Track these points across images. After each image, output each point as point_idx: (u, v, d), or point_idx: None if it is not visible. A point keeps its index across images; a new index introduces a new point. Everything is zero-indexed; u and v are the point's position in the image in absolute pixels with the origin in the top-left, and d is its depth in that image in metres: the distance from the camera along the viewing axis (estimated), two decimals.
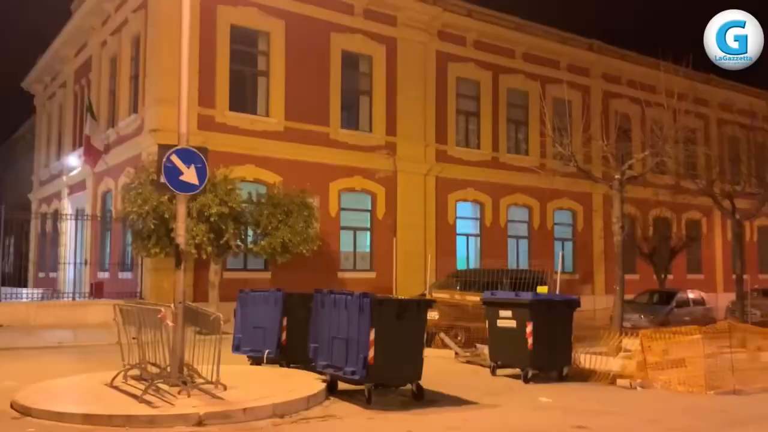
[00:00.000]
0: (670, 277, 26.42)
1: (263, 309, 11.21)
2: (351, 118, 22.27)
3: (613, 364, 11.63)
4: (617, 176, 15.08)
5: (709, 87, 29.81)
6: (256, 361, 11.10)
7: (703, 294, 23.94)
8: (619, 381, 10.95)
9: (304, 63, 20.59)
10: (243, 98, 20.16)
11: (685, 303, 22.21)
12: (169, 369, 8.41)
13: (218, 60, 19.29)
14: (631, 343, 12.26)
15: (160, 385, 8.27)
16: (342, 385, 9.13)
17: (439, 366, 12.22)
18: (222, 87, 19.40)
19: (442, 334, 14.55)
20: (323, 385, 8.99)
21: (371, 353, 8.35)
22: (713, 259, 32.08)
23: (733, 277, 18.99)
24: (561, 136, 16.16)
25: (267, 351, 10.86)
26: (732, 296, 21.89)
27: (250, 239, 17.51)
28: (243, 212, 16.98)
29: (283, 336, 10.81)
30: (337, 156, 20.86)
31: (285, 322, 10.82)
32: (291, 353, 10.69)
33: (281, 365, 10.80)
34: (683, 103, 16.16)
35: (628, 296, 20.82)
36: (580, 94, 25.42)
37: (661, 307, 21.64)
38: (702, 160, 20.76)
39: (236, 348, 11.39)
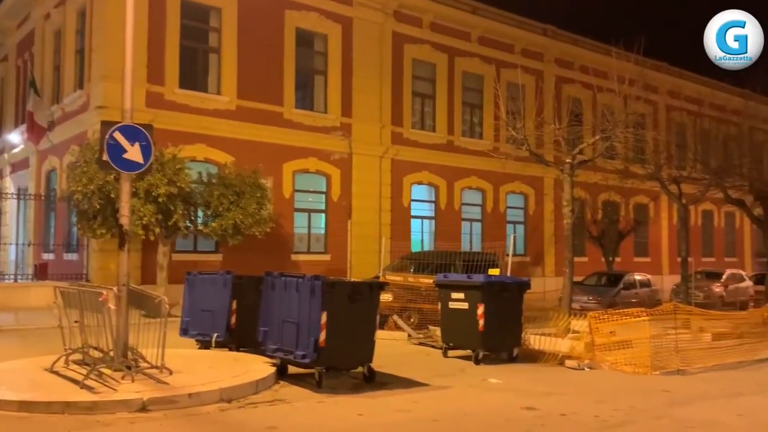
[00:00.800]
0: (617, 259, 27.05)
1: (212, 291, 10.98)
2: (305, 98, 21.94)
3: (562, 345, 11.83)
4: (568, 160, 15.25)
5: (658, 74, 30.40)
6: (204, 344, 10.90)
7: (649, 276, 24.65)
8: (567, 362, 11.14)
9: (257, 40, 20.13)
10: (193, 75, 19.62)
11: (632, 285, 22.83)
12: (112, 353, 8.16)
13: (168, 36, 18.69)
14: (579, 324, 12.50)
15: (103, 370, 8.01)
16: (292, 369, 9.03)
17: (392, 348, 12.24)
18: (171, 64, 18.83)
19: (395, 317, 14.58)
20: (273, 369, 8.87)
21: (322, 336, 8.26)
22: (659, 243, 32.97)
23: (678, 260, 19.55)
24: (514, 120, 16.23)
25: (215, 335, 10.67)
26: (677, 278, 22.57)
27: (200, 220, 17.15)
28: (193, 193, 16.60)
29: (233, 319, 10.62)
30: (291, 136, 20.54)
31: (234, 305, 10.62)
32: (240, 337, 10.52)
33: (230, 349, 10.63)
34: (633, 89, 16.40)
35: (577, 278, 21.24)
36: (533, 79, 25.63)
37: (609, 289, 22.19)
38: (650, 146, 21.19)
39: (184, 331, 11.17)
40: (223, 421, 6.97)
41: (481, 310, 11.04)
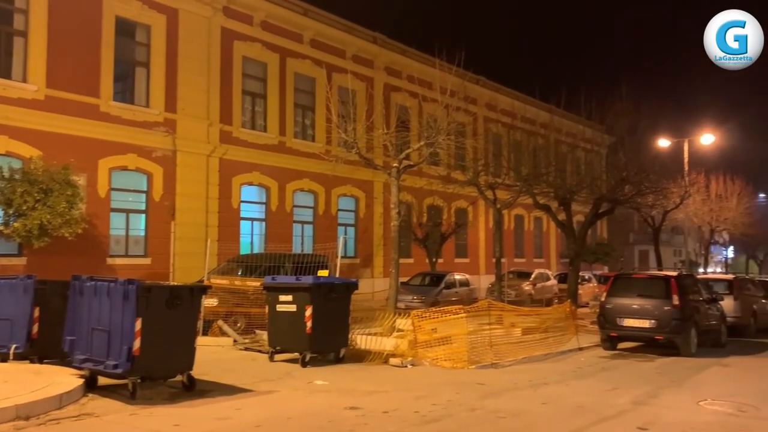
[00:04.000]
0: (440, 260, 28.42)
1: (10, 298, 9.89)
2: (125, 91, 20.52)
3: (387, 343, 12.17)
4: (395, 165, 15.77)
5: (477, 87, 32.42)
6: (1, 357, 9.78)
7: (468, 276, 26.24)
8: (391, 360, 11.46)
9: (70, 26, 18.48)
10: None
11: (453, 284, 24.18)
12: None
13: None
14: (403, 323, 12.94)
15: None
16: (104, 380, 8.38)
17: (216, 354, 11.87)
18: None
19: (220, 322, 14.14)
20: (80, 381, 8.17)
21: (137, 344, 7.75)
22: (477, 245, 35.16)
23: (493, 260, 20.90)
24: (345, 124, 16.46)
25: (14, 345, 9.63)
26: (492, 278, 24.16)
27: (0, 220, 15.43)
28: None
29: (35, 328, 9.67)
30: (108, 131, 19.09)
31: (37, 313, 9.68)
32: (44, 347, 9.63)
33: (32, 361, 9.67)
34: (454, 100, 17.30)
35: (403, 279, 22.02)
36: (364, 85, 26.13)
37: (432, 289, 23.30)
38: (470, 154, 22.49)
39: None
40: None
41: (309, 311, 11.03)
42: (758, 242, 50.30)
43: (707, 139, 33.17)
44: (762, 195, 51.98)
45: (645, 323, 13.88)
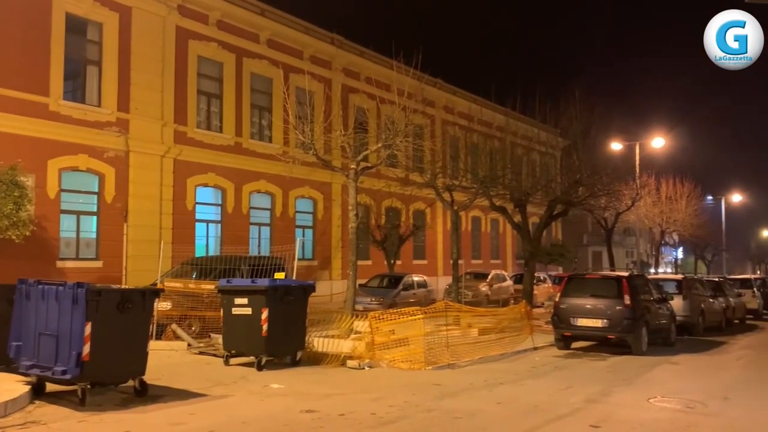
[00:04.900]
0: (398, 262, 28.49)
1: None
2: (76, 90, 19.99)
3: (344, 345, 12.13)
4: (353, 166, 15.74)
5: (435, 89, 32.63)
6: None
7: (425, 277, 26.39)
8: (349, 362, 11.43)
9: (18, 22, 17.92)
10: None
11: (411, 286, 24.29)
12: None
13: None
14: (361, 324, 12.92)
15: None
16: (53, 387, 8.14)
17: (170, 359, 11.67)
18: None
19: (174, 325, 13.88)
20: (27, 388, 7.92)
21: (86, 349, 7.55)
22: (435, 246, 35.37)
23: (451, 262, 21.03)
24: (302, 125, 16.36)
25: None
26: (450, 279, 24.33)
27: None
28: None
29: None
30: (57, 130, 18.56)
31: None
32: None
33: None
34: (412, 102, 17.36)
35: (362, 280, 21.98)
36: (322, 86, 26.05)
37: (390, 290, 23.36)
38: (428, 156, 22.60)
39: None
40: None
41: (265, 314, 10.91)
42: (706, 243, 51.88)
43: (658, 142, 34.09)
44: (710, 197, 53.69)
45: (598, 323, 14.17)
